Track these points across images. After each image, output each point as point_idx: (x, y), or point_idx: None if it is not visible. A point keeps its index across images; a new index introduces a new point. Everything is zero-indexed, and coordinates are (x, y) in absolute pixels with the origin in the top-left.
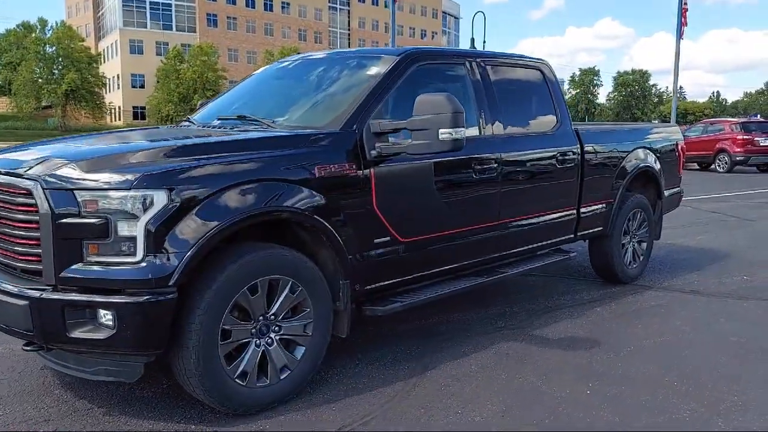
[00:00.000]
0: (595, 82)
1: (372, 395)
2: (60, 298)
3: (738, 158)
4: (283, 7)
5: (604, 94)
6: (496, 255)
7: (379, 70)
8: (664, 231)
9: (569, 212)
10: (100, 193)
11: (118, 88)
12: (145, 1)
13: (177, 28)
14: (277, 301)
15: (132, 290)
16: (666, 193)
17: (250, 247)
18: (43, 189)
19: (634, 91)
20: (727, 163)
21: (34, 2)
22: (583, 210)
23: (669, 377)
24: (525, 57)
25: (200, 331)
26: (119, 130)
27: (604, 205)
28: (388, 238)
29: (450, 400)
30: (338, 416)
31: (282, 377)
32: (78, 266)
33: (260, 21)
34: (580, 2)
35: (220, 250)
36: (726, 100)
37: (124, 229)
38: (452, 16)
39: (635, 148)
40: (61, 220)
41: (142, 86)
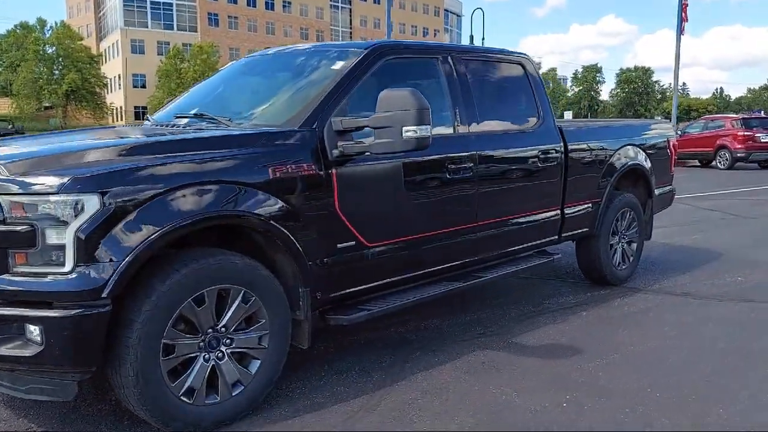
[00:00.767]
0: (598, 79)
1: (333, 411)
2: None
3: (739, 155)
4: (284, 6)
5: (607, 91)
6: (474, 258)
7: (344, 64)
8: (658, 230)
9: (553, 213)
10: (26, 198)
11: (120, 88)
12: (146, 1)
13: (178, 28)
14: (227, 312)
15: (62, 303)
16: (657, 192)
17: (197, 255)
18: None
19: (637, 87)
20: (727, 160)
21: (36, 2)
22: (567, 210)
23: (652, 388)
24: (505, 51)
25: (139, 346)
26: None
27: (591, 205)
28: (353, 243)
29: (416, 415)
30: None
31: (234, 393)
32: (4, 277)
33: (261, 20)
34: None
35: (162, 259)
36: (729, 96)
37: (52, 237)
38: (454, 14)
39: (624, 146)
40: None
41: (144, 86)
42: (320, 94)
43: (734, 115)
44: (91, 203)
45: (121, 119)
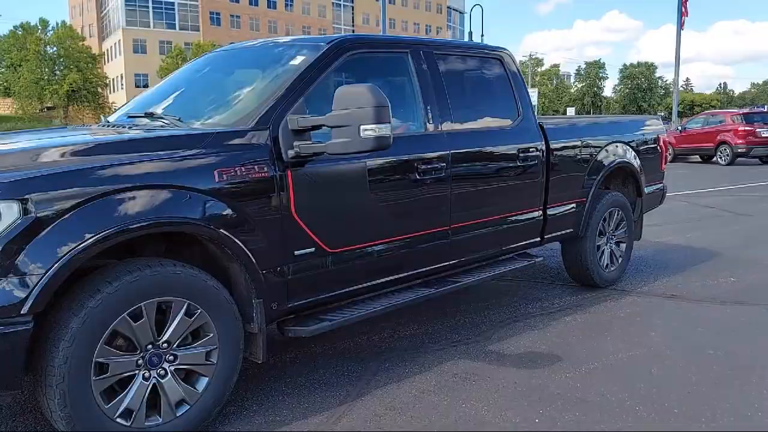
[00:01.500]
0: (601, 75)
1: (291, 429)
2: None
3: (739, 150)
4: (286, 5)
5: (610, 87)
6: (449, 263)
7: (303, 60)
8: (652, 228)
9: (534, 213)
10: None
11: (122, 88)
12: (148, 0)
13: (180, 27)
14: (169, 327)
15: None
16: (646, 190)
17: (131, 267)
18: None
19: (641, 83)
20: (728, 156)
21: (39, 3)
22: (550, 211)
23: (632, 401)
24: (482, 45)
25: (66, 366)
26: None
27: (575, 205)
28: (312, 249)
29: None
30: None
31: (179, 414)
32: None
33: (264, 18)
34: None
35: (92, 271)
36: (733, 91)
37: None
38: (457, 11)
39: (610, 143)
40: None
41: (146, 85)
42: (276, 91)
43: (735, 110)
44: (10, 211)
45: None
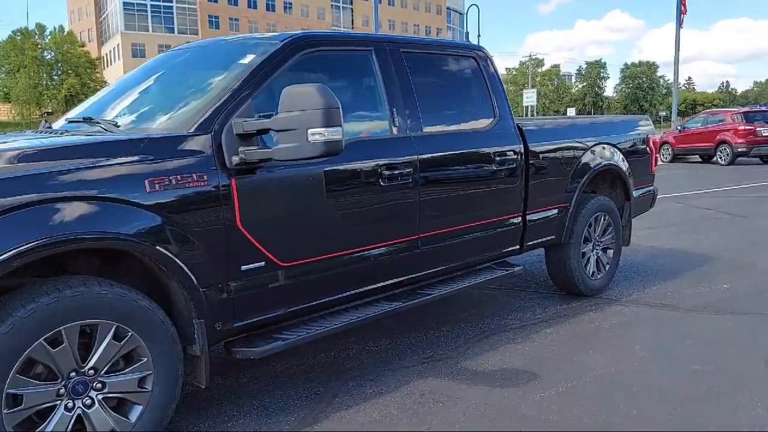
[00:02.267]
0: (602, 74)
1: None
2: None
3: (740, 150)
4: (285, 8)
5: (612, 87)
6: (418, 274)
7: (254, 59)
8: (646, 232)
9: (512, 220)
10: None
11: None
12: (146, 4)
13: (179, 31)
14: (95, 353)
15: None
16: (635, 194)
17: (49, 287)
18: None
19: (642, 83)
20: (728, 155)
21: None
22: (530, 217)
23: (608, 424)
24: (456, 44)
25: None
26: None
27: (558, 210)
28: (262, 264)
29: None
30: None
31: None
32: None
33: (263, 21)
34: None
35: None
36: (736, 90)
37: None
38: (457, 12)
39: (595, 145)
40: None
41: None
42: (221, 93)
43: (735, 109)
44: None
45: None
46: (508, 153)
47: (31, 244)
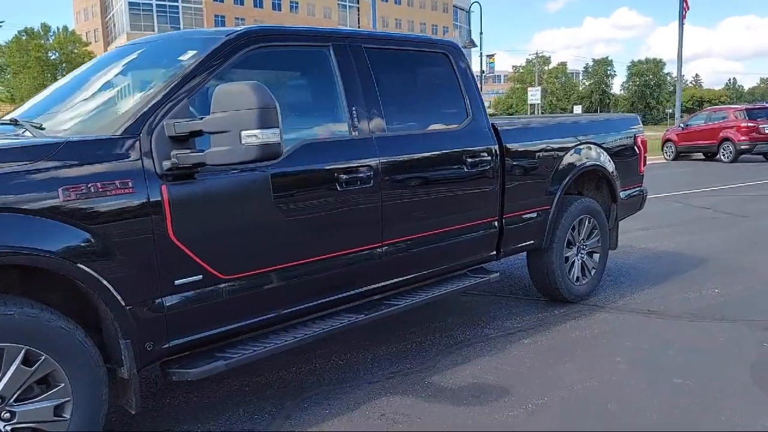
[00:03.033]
0: (609, 72)
1: None
2: None
3: (742, 147)
4: (291, 7)
5: (619, 84)
6: (382, 285)
7: (194, 55)
8: (640, 233)
9: (487, 225)
10: None
11: None
12: (152, 4)
13: None
14: (2, 379)
15: None
16: (622, 195)
17: None
18: None
19: (649, 80)
20: (731, 153)
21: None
22: (507, 221)
23: None
24: (425, 39)
25: None
26: None
27: (538, 213)
28: (199, 277)
29: None
30: None
31: None
32: None
33: (269, 21)
34: None
35: None
36: (742, 87)
37: None
38: (463, 10)
39: (578, 144)
40: None
41: None
42: (155, 92)
43: (737, 106)
44: None
45: None
46: (480, 154)
47: None
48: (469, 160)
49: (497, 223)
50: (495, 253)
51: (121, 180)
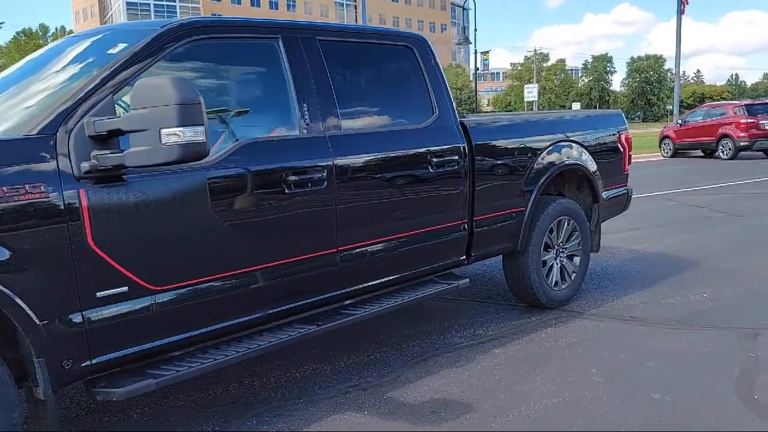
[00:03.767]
0: (609, 69)
1: None
2: None
3: (742, 144)
4: (288, 6)
5: (618, 81)
6: (339, 293)
7: (124, 48)
8: (631, 234)
9: (455, 228)
10: None
11: None
12: (149, 3)
13: None
14: None
15: None
16: (605, 195)
17: None
18: None
19: (649, 76)
20: (730, 150)
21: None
22: (478, 223)
23: None
24: (387, 31)
25: None
26: None
27: (511, 215)
28: (124, 289)
29: None
30: None
31: None
32: None
33: None
34: None
35: None
36: (745, 82)
37: None
38: (461, 8)
39: (556, 143)
40: None
41: None
42: (77, 88)
43: (736, 102)
44: None
45: None
46: (447, 153)
47: None
48: (435, 160)
49: (466, 226)
50: (465, 257)
51: (32, 184)
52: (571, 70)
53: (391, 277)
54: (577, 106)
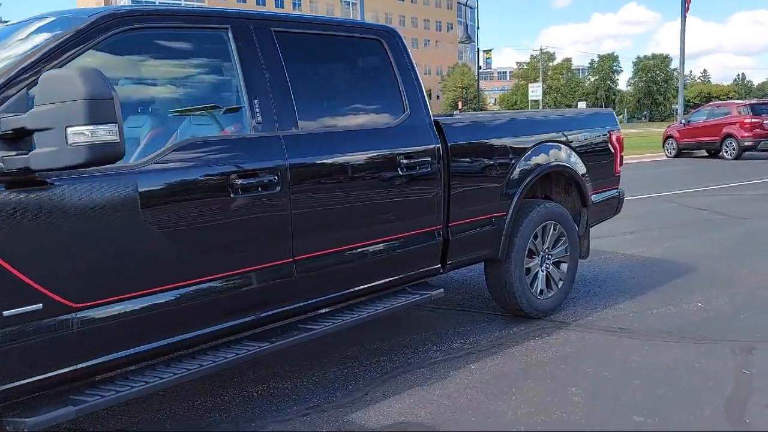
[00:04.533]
0: (615, 68)
1: None
2: None
3: (746, 144)
4: (294, 5)
5: (625, 80)
6: (294, 307)
7: (47, 39)
8: (627, 237)
9: (429, 234)
10: None
11: None
12: (155, 1)
13: None
14: None
15: None
16: (595, 199)
17: None
18: None
19: (656, 76)
20: (734, 150)
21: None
22: (454, 229)
23: None
24: (353, 23)
25: None
26: None
27: (492, 220)
28: (38, 306)
29: None
30: None
31: None
32: None
33: None
34: None
35: None
36: (752, 82)
37: None
38: (467, 6)
39: (541, 143)
40: None
41: None
42: None
43: (741, 101)
44: None
45: None
46: (418, 154)
47: None
48: (404, 162)
49: (441, 233)
50: (440, 266)
51: None
52: (578, 69)
53: (356, 289)
54: (582, 105)
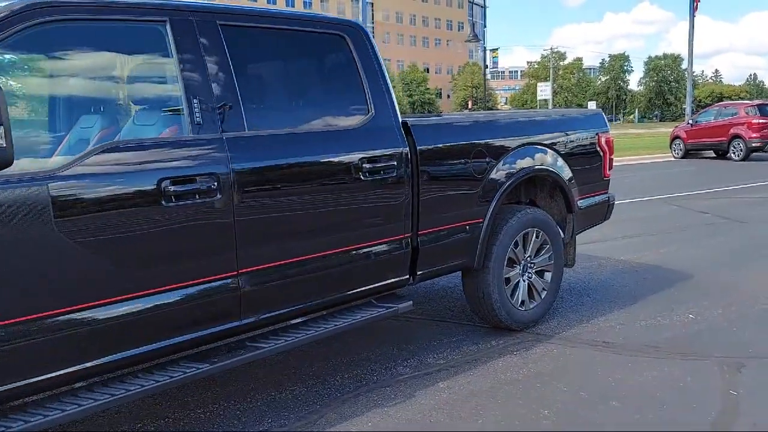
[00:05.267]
0: (626, 68)
1: None
2: None
3: (754, 144)
4: (305, 4)
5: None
6: (239, 324)
7: None
8: (624, 242)
9: (395, 243)
10: None
11: None
12: None
13: None
14: None
15: None
16: (582, 204)
17: None
18: None
19: (667, 76)
20: (742, 151)
21: None
22: (423, 238)
23: None
24: (313, 17)
25: None
26: None
27: (466, 228)
28: None
29: None
30: None
31: None
32: None
33: None
34: None
35: None
36: (763, 82)
37: None
38: (478, 5)
39: (522, 145)
40: None
41: None
42: None
43: (748, 102)
44: None
45: None
46: (383, 158)
47: None
48: (367, 166)
49: (410, 242)
50: (409, 276)
51: None
52: (589, 69)
53: (312, 303)
54: (593, 105)
